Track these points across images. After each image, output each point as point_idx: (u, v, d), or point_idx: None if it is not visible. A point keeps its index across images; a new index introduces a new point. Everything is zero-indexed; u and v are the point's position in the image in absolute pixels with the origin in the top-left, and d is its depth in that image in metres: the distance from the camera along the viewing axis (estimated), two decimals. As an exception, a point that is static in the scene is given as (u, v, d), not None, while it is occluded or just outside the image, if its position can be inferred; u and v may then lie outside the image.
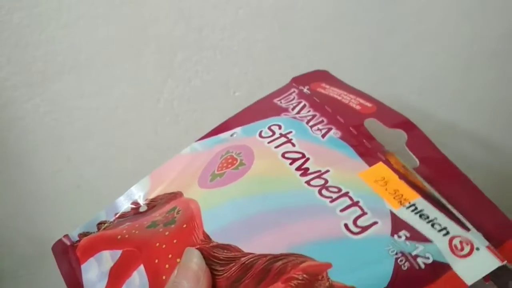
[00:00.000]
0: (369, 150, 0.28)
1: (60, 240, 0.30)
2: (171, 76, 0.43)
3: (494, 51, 0.46)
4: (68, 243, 0.29)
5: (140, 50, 0.42)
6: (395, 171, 0.26)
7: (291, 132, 0.30)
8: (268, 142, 0.29)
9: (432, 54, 0.46)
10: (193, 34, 0.42)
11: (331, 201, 0.25)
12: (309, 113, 0.31)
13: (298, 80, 0.35)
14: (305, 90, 0.33)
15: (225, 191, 0.27)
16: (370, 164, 0.27)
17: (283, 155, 0.28)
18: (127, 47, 0.42)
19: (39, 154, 0.45)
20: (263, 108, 0.33)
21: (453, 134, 0.49)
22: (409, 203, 0.25)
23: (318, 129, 0.30)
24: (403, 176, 0.26)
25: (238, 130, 0.32)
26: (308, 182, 0.26)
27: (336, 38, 0.44)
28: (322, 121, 0.30)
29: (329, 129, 0.29)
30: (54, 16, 0.40)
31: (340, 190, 0.26)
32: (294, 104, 0.32)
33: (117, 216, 0.30)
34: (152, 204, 0.30)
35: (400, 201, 0.25)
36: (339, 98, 0.32)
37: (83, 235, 0.30)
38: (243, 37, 0.43)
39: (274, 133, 0.30)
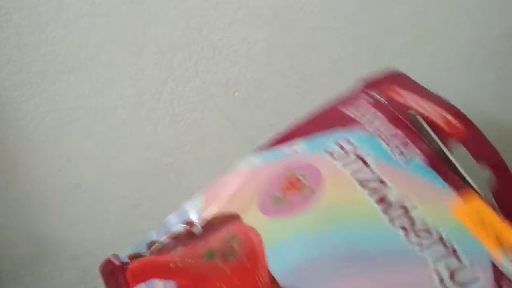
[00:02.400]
0: (458, 181, 0.24)
1: (108, 260, 0.28)
2: (170, 76, 0.43)
3: (494, 51, 0.46)
4: (117, 263, 0.27)
5: (140, 50, 0.42)
6: (494, 208, 0.22)
7: (368, 154, 0.25)
8: (341, 165, 0.25)
9: (432, 54, 0.46)
10: (192, 34, 0.42)
11: (421, 249, 0.21)
12: (388, 130, 0.26)
13: (369, 84, 0.30)
14: (378, 97, 0.29)
15: (291, 223, 0.24)
16: (463, 197, 0.23)
17: (359, 182, 0.24)
18: (126, 47, 0.42)
19: (38, 154, 0.45)
20: (328, 117, 0.28)
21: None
22: None
23: (400, 151, 0.25)
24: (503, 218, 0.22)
25: (300, 142, 0.27)
26: (392, 220, 0.22)
27: (336, 38, 0.44)
28: (404, 141, 0.26)
29: (413, 152, 0.25)
30: (53, 16, 0.40)
31: (431, 233, 0.21)
32: (369, 117, 0.27)
33: (168, 235, 0.27)
34: (207, 226, 0.27)
35: (504, 250, 0.21)
36: (421, 110, 0.27)
37: (133, 256, 0.27)
38: (242, 37, 0.43)
39: (345, 151, 0.26)
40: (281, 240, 0.23)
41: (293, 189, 0.25)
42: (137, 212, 0.48)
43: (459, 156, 0.25)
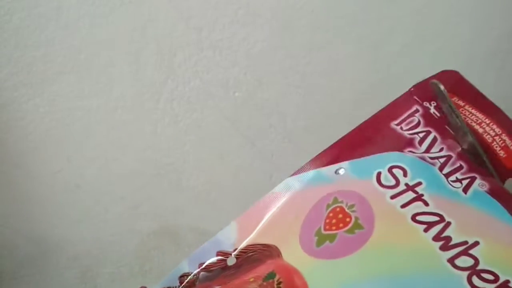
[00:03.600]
0: None
1: None
2: (170, 76, 0.43)
3: (494, 51, 0.46)
4: None
5: (140, 50, 0.42)
6: None
7: (420, 183, 0.23)
8: (391, 197, 0.23)
9: (432, 54, 0.46)
10: (192, 34, 0.42)
11: None
12: (442, 153, 0.24)
13: (421, 92, 0.26)
14: (432, 109, 0.26)
15: (340, 267, 0.21)
16: None
17: (413, 218, 0.22)
18: (126, 48, 0.42)
19: (38, 154, 0.45)
20: (377, 135, 0.25)
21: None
22: None
23: (457, 179, 0.23)
24: None
25: (345, 165, 0.25)
26: (451, 261, 0.20)
27: (336, 38, 0.44)
28: (461, 166, 0.23)
29: (472, 179, 0.22)
30: (53, 17, 0.40)
31: (497, 278, 0.19)
32: (421, 135, 0.24)
33: (202, 267, 0.25)
34: (243, 257, 0.25)
35: None
36: (479, 129, 0.24)
37: None
38: (242, 37, 0.43)
39: (397, 182, 0.23)
40: (330, 287, 0.21)
41: (339, 225, 0.23)
42: (137, 212, 0.48)
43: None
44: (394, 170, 0.23)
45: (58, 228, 0.49)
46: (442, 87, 0.24)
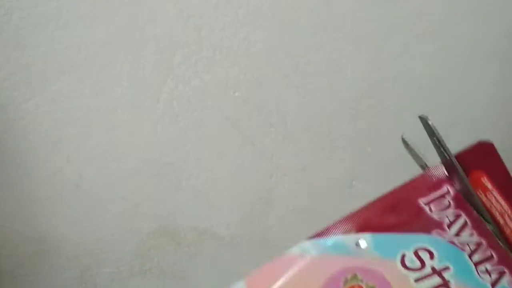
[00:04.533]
0: None
1: None
2: (170, 76, 0.43)
3: (494, 51, 0.46)
4: None
5: (139, 50, 0.42)
6: None
7: (448, 268, 0.21)
8: (416, 280, 0.21)
9: (432, 54, 0.46)
10: (192, 34, 0.42)
11: None
12: (473, 239, 0.22)
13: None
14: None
15: None
16: None
17: None
18: (126, 47, 0.42)
19: (38, 154, 0.45)
20: (404, 211, 0.24)
21: (453, 133, 0.49)
22: None
23: (486, 270, 0.21)
24: None
25: (367, 237, 0.23)
26: None
27: (336, 38, 0.44)
28: (491, 256, 0.21)
29: (501, 274, 0.21)
30: (53, 17, 0.40)
31: None
32: (451, 218, 0.22)
33: None
34: None
35: None
36: (500, 220, 0.23)
37: None
38: (242, 37, 0.42)
39: (423, 264, 0.22)
40: None
41: None
42: (137, 212, 0.48)
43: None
44: (420, 253, 0.22)
45: (57, 227, 0.48)
46: (430, 122, 0.23)
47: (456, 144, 0.53)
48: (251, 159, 0.47)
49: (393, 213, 0.23)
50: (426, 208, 0.23)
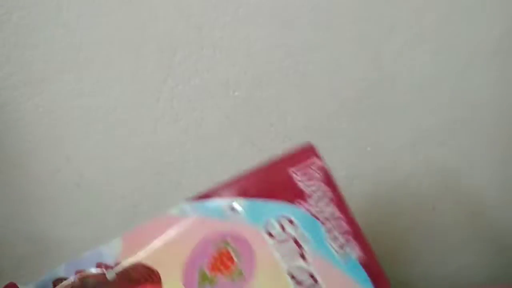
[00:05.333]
0: (384, 279, 0.23)
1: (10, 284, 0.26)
2: (170, 75, 0.43)
3: (494, 51, 0.46)
4: None
5: (140, 49, 0.42)
6: None
7: (303, 235, 0.24)
8: (275, 246, 0.24)
9: (432, 54, 0.46)
10: (192, 33, 0.42)
11: None
12: (329, 209, 0.25)
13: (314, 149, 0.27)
14: (327, 165, 0.26)
15: None
16: None
17: (290, 273, 0.23)
18: (126, 46, 0.42)
19: (38, 154, 0.45)
20: (274, 178, 0.26)
21: (453, 134, 0.49)
22: None
23: (335, 237, 0.24)
24: None
25: (241, 202, 0.25)
26: None
27: (336, 37, 0.44)
28: (342, 226, 0.24)
29: (348, 241, 0.24)
30: (53, 16, 0.40)
31: None
32: (313, 188, 0.25)
33: (78, 276, 0.25)
34: (123, 275, 0.25)
35: None
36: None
37: None
38: (242, 36, 0.42)
39: (284, 231, 0.24)
40: None
41: (221, 268, 0.23)
42: (137, 211, 0.48)
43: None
44: (282, 221, 0.24)
45: (57, 227, 0.48)
46: None
47: (457, 143, 0.53)
48: (251, 159, 0.47)
49: (267, 182, 0.25)
50: (295, 176, 0.25)
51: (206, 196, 0.26)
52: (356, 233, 0.24)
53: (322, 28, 0.43)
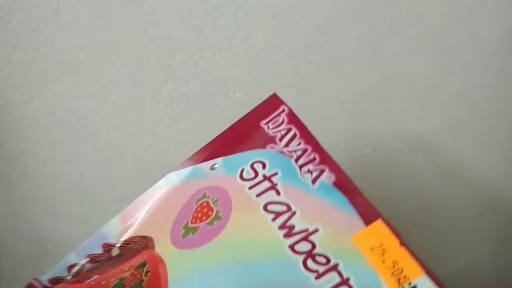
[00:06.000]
0: (365, 201, 0.23)
1: (30, 284, 0.28)
2: (170, 77, 0.43)
3: (494, 51, 0.46)
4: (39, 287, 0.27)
5: (139, 51, 0.42)
6: (396, 234, 0.22)
7: (276, 173, 0.25)
8: (249, 188, 0.25)
9: (432, 54, 0.46)
10: (192, 35, 0.42)
11: (316, 277, 0.21)
12: (300, 146, 0.26)
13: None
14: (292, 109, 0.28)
15: (196, 256, 0.23)
16: (366, 220, 0.22)
17: (265, 207, 0.24)
18: (126, 48, 0.42)
19: (38, 155, 0.45)
20: (247, 133, 0.27)
21: (453, 134, 0.49)
22: (409, 283, 0.20)
23: (308, 170, 0.25)
24: (404, 242, 0.22)
25: (219, 161, 0.27)
26: (292, 247, 0.22)
27: (336, 38, 0.44)
28: (314, 158, 0.25)
29: (321, 171, 0.24)
30: (53, 17, 0.40)
31: (328, 260, 0.21)
32: (283, 132, 0.27)
33: (88, 259, 0.28)
34: (124, 248, 0.27)
35: (399, 280, 0.20)
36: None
37: (53, 281, 0.28)
38: (242, 37, 0.42)
39: (257, 174, 0.25)
40: (185, 273, 0.23)
41: (203, 218, 0.25)
42: (137, 212, 0.48)
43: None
44: (255, 165, 0.25)
45: (58, 228, 0.49)
46: None
47: (457, 144, 0.53)
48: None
49: (240, 137, 0.27)
50: (265, 126, 0.27)
51: (187, 164, 0.28)
52: (328, 162, 0.25)
53: (322, 29, 0.43)
